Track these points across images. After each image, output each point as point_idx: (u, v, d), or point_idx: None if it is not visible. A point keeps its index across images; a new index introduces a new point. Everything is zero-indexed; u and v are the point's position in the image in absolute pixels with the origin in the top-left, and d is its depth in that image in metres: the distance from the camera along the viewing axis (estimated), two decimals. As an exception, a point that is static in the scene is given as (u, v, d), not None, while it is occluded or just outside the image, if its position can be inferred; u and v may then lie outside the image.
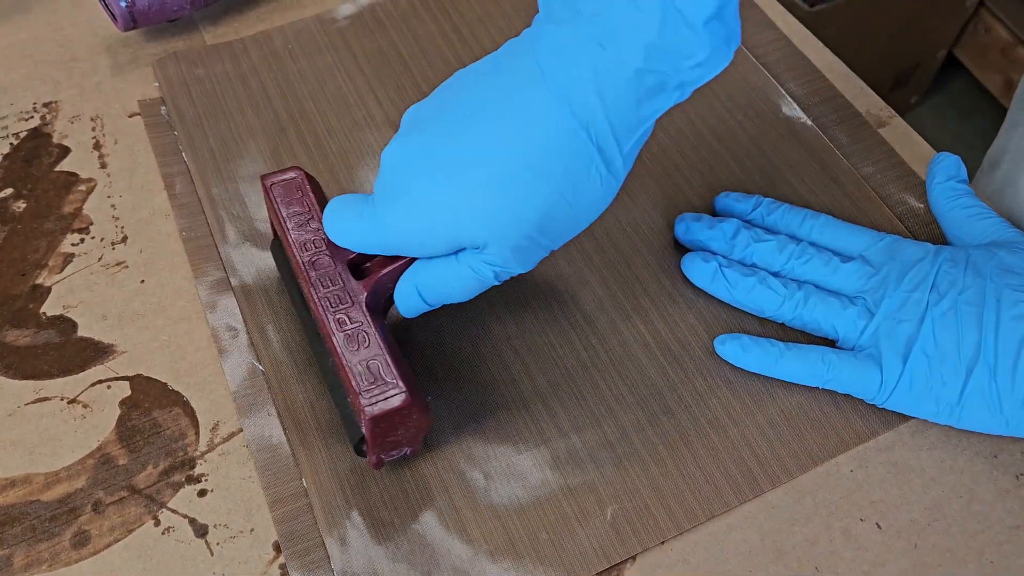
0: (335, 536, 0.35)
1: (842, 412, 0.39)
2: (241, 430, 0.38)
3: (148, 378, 0.39)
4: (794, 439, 0.38)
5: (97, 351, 0.40)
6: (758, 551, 0.36)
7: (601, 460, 0.37)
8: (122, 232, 0.44)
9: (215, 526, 0.36)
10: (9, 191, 0.45)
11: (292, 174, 0.38)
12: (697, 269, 0.41)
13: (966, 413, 0.36)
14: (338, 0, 0.54)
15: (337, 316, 0.34)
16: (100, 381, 0.39)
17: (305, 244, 0.36)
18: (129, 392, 0.39)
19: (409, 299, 0.35)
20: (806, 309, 0.39)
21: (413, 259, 0.35)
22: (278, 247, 0.40)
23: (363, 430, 0.33)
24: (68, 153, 0.47)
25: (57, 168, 0.46)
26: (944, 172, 0.43)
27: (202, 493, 0.37)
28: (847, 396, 0.39)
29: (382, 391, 0.32)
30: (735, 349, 0.39)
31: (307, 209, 0.37)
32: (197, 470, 0.37)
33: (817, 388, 0.39)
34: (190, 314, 0.41)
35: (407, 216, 0.33)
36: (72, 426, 0.38)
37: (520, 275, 0.39)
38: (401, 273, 0.35)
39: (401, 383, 0.33)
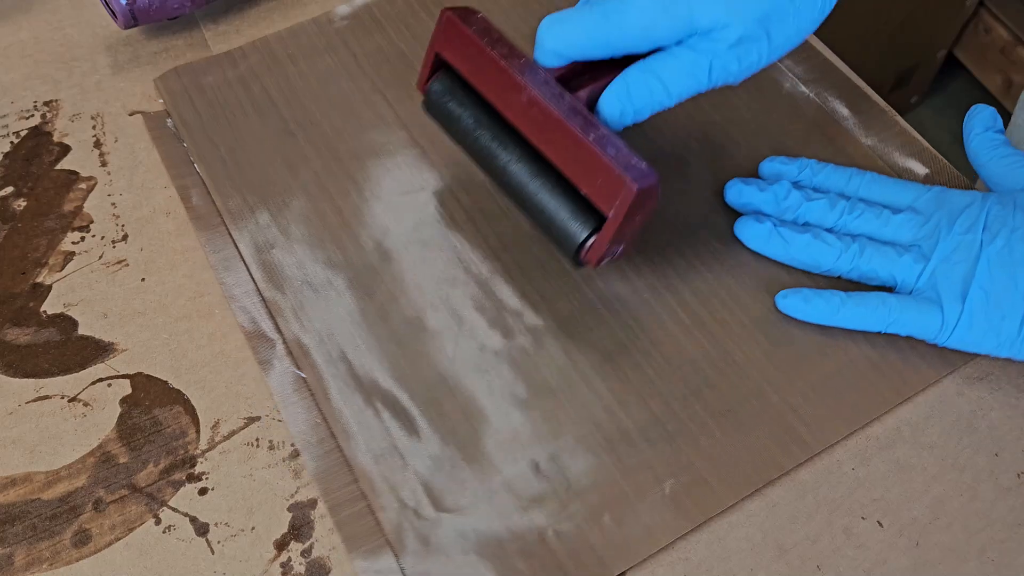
0: (401, 534, 0.35)
1: (880, 372, 0.40)
2: (242, 428, 0.38)
3: (149, 376, 0.39)
4: (836, 400, 0.39)
5: (98, 349, 0.40)
6: (759, 549, 0.36)
7: (652, 437, 0.38)
8: (123, 230, 0.44)
9: (216, 524, 0.36)
10: (9, 189, 0.45)
11: (475, 12, 0.38)
12: (752, 230, 0.42)
13: None
14: (339, 1, 0.54)
15: (570, 116, 0.34)
16: (101, 379, 0.39)
17: (512, 61, 0.36)
18: (130, 390, 0.39)
19: (618, 104, 0.36)
20: (862, 260, 0.40)
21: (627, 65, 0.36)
22: (440, 91, 0.40)
23: (587, 232, 0.35)
24: (68, 151, 0.47)
25: (58, 166, 0.46)
26: (982, 123, 0.44)
27: (203, 491, 0.37)
28: (883, 357, 0.40)
29: (639, 170, 0.33)
30: (797, 302, 0.40)
31: (499, 37, 0.37)
32: (198, 468, 0.37)
33: (853, 352, 0.40)
34: (191, 312, 0.41)
35: (638, 6, 0.34)
36: (73, 424, 0.38)
37: (553, 254, 0.41)
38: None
39: (650, 164, 0.34)
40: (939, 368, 0.40)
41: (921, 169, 0.46)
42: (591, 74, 0.37)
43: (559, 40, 0.35)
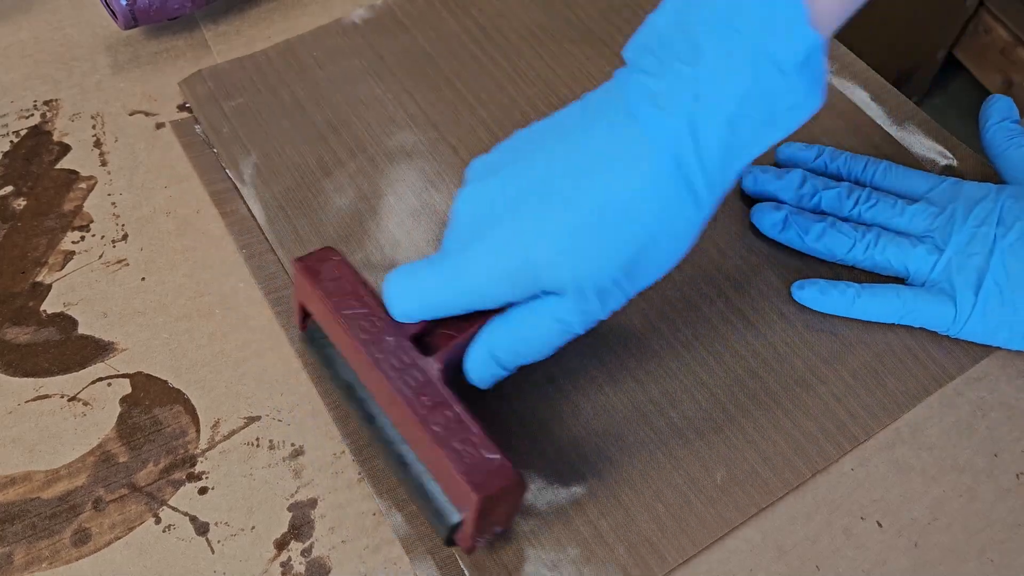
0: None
1: (918, 359, 0.40)
2: (242, 427, 0.38)
3: (149, 375, 0.39)
4: (878, 389, 0.39)
5: (97, 349, 0.40)
6: (759, 549, 0.36)
7: (701, 429, 0.38)
8: (123, 230, 0.44)
9: (216, 524, 0.36)
10: (9, 189, 0.45)
11: (330, 255, 0.35)
12: (767, 218, 0.42)
13: None
14: (339, 0, 0.54)
15: (419, 397, 0.31)
16: (101, 379, 0.39)
17: (360, 325, 0.33)
18: (130, 390, 0.39)
19: (484, 367, 0.34)
20: (876, 249, 0.41)
21: (482, 323, 0.34)
22: (316, 335, 0.37)
23: (459, 516, 0.32)
24: (68, 151, 0.47)
25: (57, 166, 0.46)
26: (999, 113, 0.44)
27: (203, 491, 0.37)
28: (921, 345, 0.40)
29: (486, 471, 0.30)
30: (813, 293, 0.41)
31: (352, 290, 0.34)
32: (198, 467, 0.37)
33: (892, 340, 0.41)
34: (191, 312, 0.41)
35: (489, 258, 0.32)
36: (72, 423, 0.38)
37: None
38: (469, 342, 0.34)
39: (504, 458, 0.31)
40: (976, 355, 0.40)
41: (945, 158, 0.47)
42: (452, 326, 0.34)
43: (408, 301, 0.33)
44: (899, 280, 0.42)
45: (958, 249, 0.40)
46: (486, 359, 0.34)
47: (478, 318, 0.34)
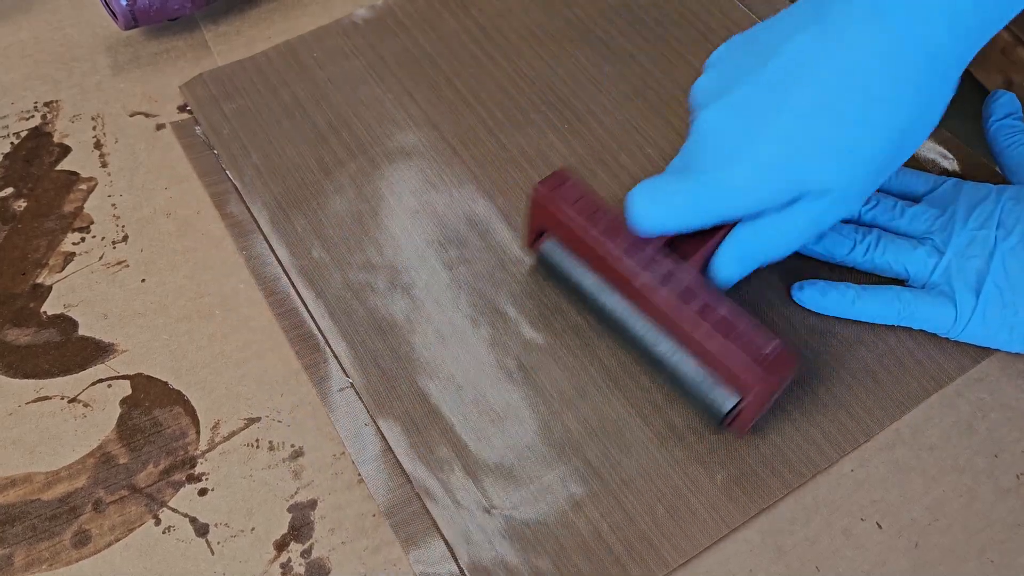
0: (457, 533, 0.35)
1: (918, 360, 0.40)
2: (242, 429, 0.38)
3: (149, 377, 0.39)
4: (878, 389, 0.40)
5: (98, 350, 0.40)
6: (758, 550, 0.36)
7: (701, 430, 0.38)
8: (123, 231, 0.44)
9: (216, 525, 0.36)
10: (10, 190, 0.45)
11: (567, 176, 0.37)
12: None
13: None
14: (339, 0, 0.54)
15: (685, 301, 0.34)
16: (101, 380, 0.39)
17: (615, 240, 0.35)
18: (130, 391, 0.39)
19: (733, 268, 0.36)
20: (876, 252, 0.41)
21: (726, 230, 0.36)
22: (552, 254, 0.39)
23: (734, 398, 0.35)
24: (69, 152, 0.47)
25: (58, 167, 0.46)
26: (1002, 109, 0.44)
27: (203, 492, 0.37)
28: (921, 346, 0.40)
29: (769, 360, 0.33)
30: (813, 294, 0.40)
31: (599, 207, 0.36)
32: (198, 469, 0.37)
33: (892, 341, 0.40)
34: (191, 313, 0.41)
35: (755, 172, 0.33)
36: (73, 425, 0.38)
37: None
38: (719, 243, 0.36)
39: (781, 344, 0.33)
40: (976, 356, 0.40)
41: (945, 158, 0.47)
42: (693, 235, 0.36)
43: (658, 219, 0.35)
44: (899, 282, 0.42)
45: (958, 251, 0.39)
46: (735, 261, 0.36)
47: (720, 226, 0.36)
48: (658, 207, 0.35)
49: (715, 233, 0.36)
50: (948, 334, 0.40)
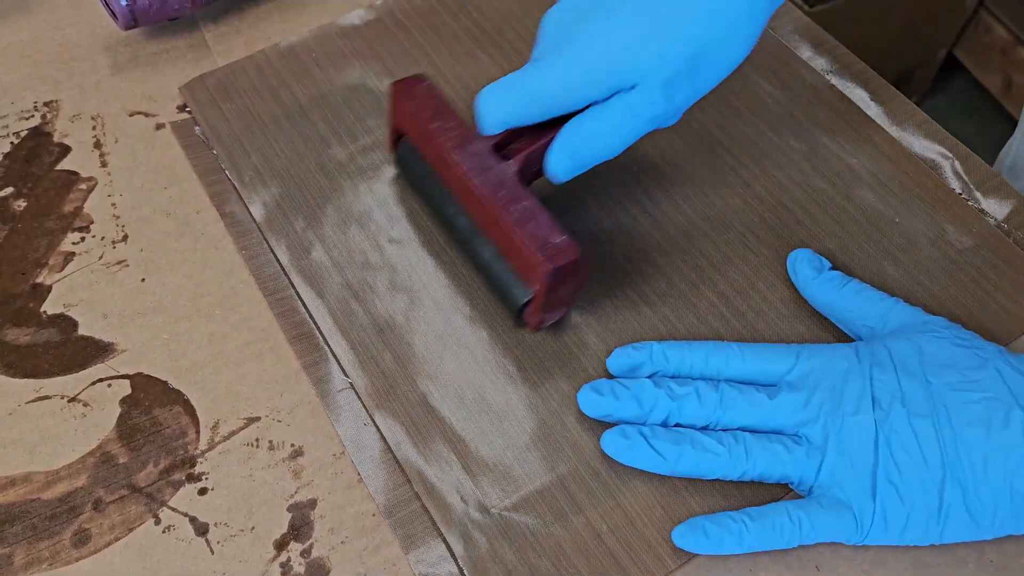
0: (457, 533, 0.35)
1: None
2: (242, 428, 0.38)
3: (148, 376, 0.39)
4: None
5: (97, 349, 0.40)
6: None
7: None
8: (123, 231, 0.44)
9: (215, 524, 0.36)
10: (10, 190, 0.45)
11: (422, 80, 0.40)
12: (620, 447, 0.36)
13: (948, 532, 0.34)
14: (339, 1, 0.54)
15: (497, 192, 0.37)
16: (100, 379, 0.39)
17: (449, 136, 0.38)
18: (129, 390, 0.39)
19: (564, 159, 0.37)
20: (749, 463, 0.35)
21: (558, 130, 0.37)
22: (406, 155, 0.43)
23: (530, 292, 0.37)
24: (69, 152, 0.47)
25: (58, 167, 0.46)
26: (811, 266, 0.41)
27: (202, 491, 0.37)
28: None
29: (555, 248, 0.36)
30: (699, 539, 0.35)
31: (442, 107, 0.39)
32: (198, 468, 0.37)
33: None
34: (191, 313, 0.41)
35: (572, 58, 0.36)
36: (72, 424, 0.38)
37: (590, 250, 0.43)
38: (547, 147, 0.38)
39: (570, 238, 0.36)
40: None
41: (945, 158, 0.47)
42: (530, 136, 0.38)
43: (499, 109, 0.37)
44: (784, 487, 0.37)
45: (839, 448, 0.35)
46: (566, 156, 0.37)
47: (555, 128, 0.38)
48: (496, 97, 0.37)
49: (545, 136, 0.38)
50: (851, 541, 0.35)
